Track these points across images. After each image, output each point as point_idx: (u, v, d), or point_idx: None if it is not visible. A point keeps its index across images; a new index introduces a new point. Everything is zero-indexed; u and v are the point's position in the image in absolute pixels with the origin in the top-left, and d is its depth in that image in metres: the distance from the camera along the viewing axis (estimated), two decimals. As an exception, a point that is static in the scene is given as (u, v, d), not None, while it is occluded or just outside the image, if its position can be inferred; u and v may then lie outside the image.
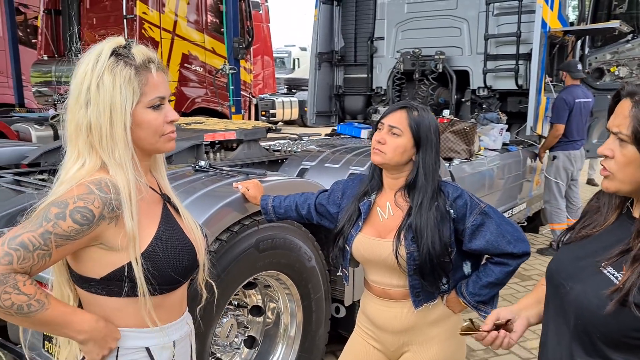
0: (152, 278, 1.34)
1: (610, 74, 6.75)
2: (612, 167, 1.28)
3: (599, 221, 1.40)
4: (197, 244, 1.49)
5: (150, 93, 1.37)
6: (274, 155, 3.79)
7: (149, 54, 1.39)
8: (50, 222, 1.23)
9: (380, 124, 1.92)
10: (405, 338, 1.94)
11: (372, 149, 1.91)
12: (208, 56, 8.48)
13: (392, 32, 6.42)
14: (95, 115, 1.31)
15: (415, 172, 1.87)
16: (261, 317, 2.92)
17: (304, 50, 23.54)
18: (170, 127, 1.42)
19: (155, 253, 1.36)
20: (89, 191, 1.27)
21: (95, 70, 1.32)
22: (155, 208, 1.44)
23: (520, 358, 3.70)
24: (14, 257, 1.20)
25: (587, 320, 1.28)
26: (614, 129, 1.28)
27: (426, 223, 1.81)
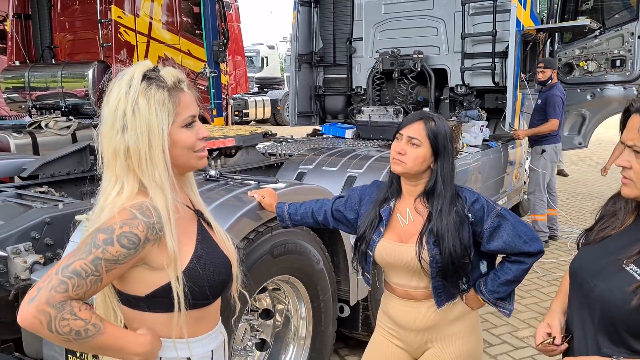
0: (192, 294, 1.39)
1: (579, 69, 7.00)
2: (631, 177, 1.41)
3: (616, 224, 1.53)
4: (232, 257, 1.55)
5: (183, 113, 1.42)
6: (271, 160, 3.85)
7: (178, 75, 1.44)
8: (100, 249, 1.28)
9: (399, 135, 2.01)
10: (427, 336, 2.05)
11: (392, 159, 2.00)
12: (184, 58, 8.45)
13: (370, 33, 6.53)
14: (133, 140, 1.35)
15: (434, 179, 1.97)
16: (271, 320, 2.99)
17: (272, 49, 23.52)
18: (202, 144, 1.48)
19: (195, 270, 1.41)
20: (133, 216, 1.31)
21: (130, 96, 1.36)
22: (191, 225, 1.49)
23: (514, 347, 3.86)
24: (69, 285, 1.25)
25: (613, 314, 1.40)
26: (628, 142, 1.41)
27: (447, 227, 1.91)
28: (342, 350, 3.77)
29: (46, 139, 5.69)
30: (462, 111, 5.87)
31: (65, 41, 8.06)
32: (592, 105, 6.84)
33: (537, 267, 5.43)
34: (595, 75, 6.70)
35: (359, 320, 3.36)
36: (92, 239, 1.29)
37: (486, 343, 3.89)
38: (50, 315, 1.21)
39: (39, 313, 1.21)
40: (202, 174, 2.79)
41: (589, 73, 6.89)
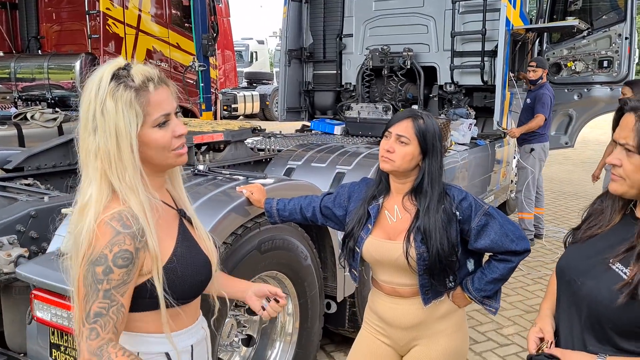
0: (170, 293, 1.38)
1: (567, 69, 7.05)
2: (621, 174, 1.43)
3: (603, 222, 1.54)
4: (212, 256, 1.54)
5: (154, 112, 1.37)
6: (259, 155, 3.84)
7: (149, 73, 1.39)
8: (104, 282, 1.29)
9: (387, 133, 2.01)
10: (414, 333, 2.06)
11: (381, 157, 1.99)
12: (173, 51, 8.40)
13: (361, 29, 6.53)
14: (103, 142, 1.33)
15: (421, 177, 1.98)
16: (257, 315, 2.98)
17: (262, 44, 23.44)
18: (179, 142, 1.43)
19: (174, 270, 1.40)
20: (116, 232, 1.30)
21: (98, 97, 1.33)
22: (172, 223, 1.48)
23: (499, 344, 3.89)
24: (98, 329, 1.28)
25: (599, 313, 1.41)
26: (621, 140, 1.42)
27: (434, 225, 1.92)
28: (328, 346, 3.77)
29: (32, 131, 5.61)
30: (451, 109, 5.90)
31: (52, 32, 7.98)
32: (578, 105, 6.90)
33: (523, 265, 5.47)
34: (582, 76, 6.76)
35: (346, 316, 3.36)
36: (91, 277, 1.29)
37: (471, 340, 3.91)
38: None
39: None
40: (191, 169, 2.78)
41: (577, 73, 6.95)
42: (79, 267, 1.33)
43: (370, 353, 2.15)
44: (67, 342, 2.22)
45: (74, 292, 1.35)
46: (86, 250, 1.31)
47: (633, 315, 1.34)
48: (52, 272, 2.13)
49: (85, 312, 1.29)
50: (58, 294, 2.11)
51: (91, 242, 1.31)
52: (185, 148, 1.47)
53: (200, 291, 1.53)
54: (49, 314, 2.19)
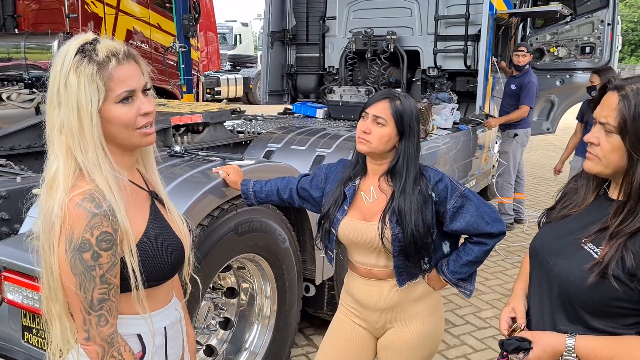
0: (141, 273, 1.36)
1: (550, 54, 7.07)
2: (598, 153, 1.41)
3: (577, 201, 1.54)
4: (184, 239, 1.52)
5: (117, 88, 1.33)
6: (239, 137, 3.80)
7: (114, 48, 1.35)
8: (96, 268, 1.29)
9: (364, 114, 1.98)
10: (389, 315, 2.05)
11: (358, 138, 1.98)
12: (153, 32, 8.25)
13: (344, 12, 6.47)
14: (66, 116, 1.30)
15: (397, 158, 1.96)
16: (235, 298, 2.97)
17: (246, 26, 23.17)
18: (144, 120, 1.39)
19: (145, 250, 1.38)
20: (92, 214, 1.28)
21: (62, 71, 1.30)
22: (143, 204, 1.45)
23: (477, 327, 3.92)
24: (106, 314, 1.31)
25: (570, 292, 1.42)
26: (601, 119, 1.40)
27: (410, 206, 1.91)
28: (308, 329, 3.78)
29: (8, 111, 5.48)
30: (434, 93, 5.88)
31: (29, 10, 7.78)
32: (560, 91, 6.93)
33: (502, 250, 5.52)
34: (564, 62, 6.78)
35: (324, 299, 3.36)
36: (81, 265, 1.28)
37: (450, 323, 3.94)
38: (104, 349, 1.32)
39: (97, 347, 1.31)
40: (167, 150, 2.73)
41: (559, 59, 6.97)
42: (52, 248, 1.31)
43: (346, 335, 2.14)
44: (40, 325, 2.18)
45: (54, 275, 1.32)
46: (61, 232, 1.28)
47: (603, 294, 1.35)
48: (23, 254, 2.08)
49: (89, 301, 1.29)
50: (29, 275, 2.07)
51: (65, 223, 1.28)
52: (153, 128, 1.43)
53: (173, 273, 1.51)
54: (20, 296, 2.15)
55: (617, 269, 1.32)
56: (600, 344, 1.36)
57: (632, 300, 1.32)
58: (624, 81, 1.39)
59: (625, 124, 1.34)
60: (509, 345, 1.49)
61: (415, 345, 2.05)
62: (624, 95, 1.35)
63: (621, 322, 1.37)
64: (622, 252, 1.32)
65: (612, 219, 1.40)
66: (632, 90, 1.35)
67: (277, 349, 3.02)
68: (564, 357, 1.40)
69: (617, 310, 1.36)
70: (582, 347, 1.37)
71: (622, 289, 1.31)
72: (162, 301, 1.51)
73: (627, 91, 1.36)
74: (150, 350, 1.45)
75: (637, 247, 1.31)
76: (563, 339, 1.40)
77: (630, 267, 1.30)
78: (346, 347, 2.14)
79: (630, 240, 1.33)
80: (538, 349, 1.43)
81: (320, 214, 2.11)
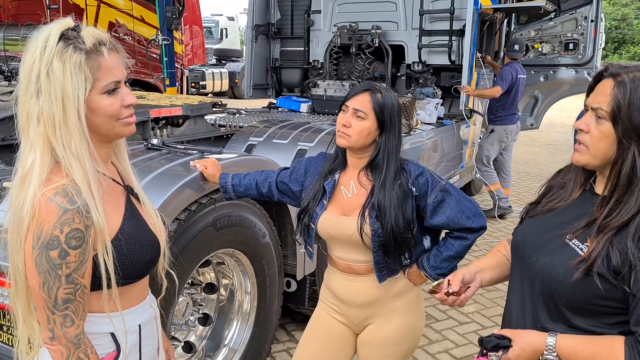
0: (115, 272, 1.32)
1: (534, 50, 7.09)
2: (586, 141, 1.37)
3: (564, 196, 1.51)
4: (160, 234, 1.48)
5: (104, 78, 1.30)
6: (220, 131, 3.74)
7: (100, 36, 1.32)
8: (62, 267, 1.24)
9: (344, 107, 1.94)
10: (369, 311, 2.02)
11: (337, 131, 1.94)
12: (137, 24, 8.15)
13: (329, 6, 6.42)
14: (47, 105, 1.25)
15: (378, 152, 1.93)
16: (215, 294, 2.93)
17: (232, 20, 23.03)
18: (127, 111, 1.37)
19: (120, 247, 1.34)
20: (63, 210, 1.23)
21: (44, 57, 1.24)
22: (118, 200, 1.41)
23: (459, 322, 3.92)
24: (72, 315, 1.26)
25: (553, 289, 1.39)
26: (594, 104, 1.36)
27: (389, 201, 1.87)
28: (289, 325, 3.75)
29: (-15, 104, 5.38)
30: (418, 88, 5.86)
31: (9, 1, 7.66)
32: (544, 87, 6.96)
33: (486, 245, 5.53)
34: (548, 58, 6.81)
35: (306, 295, 3.33)
36: (47, 263, 1.23)
37: (432, 318, 3.94)
38: (70, 350, 1.27)
39: (62, 347, 1.27)
40: (144, 143, 2.68)
41: (543, 55, 6.99)
42: (19, 243, 1.26)
43: (325, 331, 2.11)
44: (10, 322, 2.13)
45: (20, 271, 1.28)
46: (30, 227, 1.23)
47: (586, 292, 1.32)
48: (-8, 249, 2.02)
49: (52, 301, 1.24)
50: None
51: (35, 218, 1.23)
52: (134, 117, 1.40)
53: (148, 270, 1.46)
54: (-10, 292, 2.09)
55: (602, 266, 1.29)
56: (581, 343, 1.33)
57: (615, 299, 1.30)
58: (621, 69, 1.36)
59: (619, 110, 1.30)
60: (488, 342, 1.46)
61: (395, 341, 2.03)
62: (620, 81, 1.32)
63: (604, 321, 1.34)
64: (608, 249, 1.29)
65: (597, 211, 1.37)
66: (629, 78, 1.32)
67: (257, 345, 2.99)
68: (544, 357, 1.37)
69: (599, 308, 1.33)
70: (563, 346, 1.35)
71: (606, 286, 1.29)
72: (136, 298, 1.47)
73: (623, 77, 1.32)
74: (124, 349, 1.41)
75: (622, 244, 1.28)
76: (544, 338, 1.37)
77: (616, 265, 1.27)
78: (325, 343, 2.11)
79: (617, 236, 1.30)
80: (518, 347, 1.40)
81: (300, 208, 2.08)
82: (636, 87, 1.30)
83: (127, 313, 1.42)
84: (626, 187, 1.33)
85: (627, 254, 1.26)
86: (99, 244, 1.29)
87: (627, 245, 1.27)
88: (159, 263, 1.51)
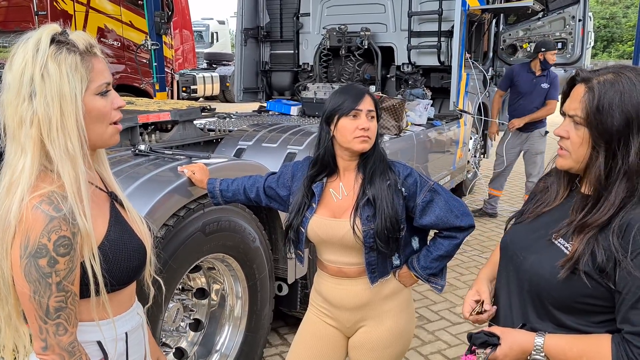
0: (103, 278, 1.31)
1: (522, 50, 7.13)
2: (568, 147, 1.40)
3: (550, 199, 1.52)
4: (146, 241, 1.47)
5: (98, 79, 1.33)
6: (209, 135, 3.73)
7: (90, 39, 1.34)
8: (51, 275, 1.22)
9: (355, 112, 1.89)
10: (361, 314, 2.02)
11: (357, 137, 1.88)
12: (126, 30, 8.13)
13: (318, 8, 6.43)
14: (43, 107, 1.24)
15: (373, 151, 1.94)
16: (206, 299, 2.92)
17: (222, 24, 23.02)
18: (117, 115, 1.39)
19: (105, 255, 1.33)
20: (50, 218, 1.22)
21: (37, 60, 1.24)
22: (103, 206, 1.40)
23: (451, 323, 3.92)
24: (64, 323, 1.25)
25: (540, 287, 1.40)
26: (570, 112, 1.38)
27: (380, 194, 1.88)
28: (282, 329, 3.74)
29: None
30: (408, 89, 5.87)
31: (-4, 9, 7.62)
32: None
33: (477, 245, 5.55)
34: (538, 57, 6.82)
35: (298, 298, 3.32)
36: (37, 271, 1.22)
37: (425, 319, 3.94)
38: (64, 358, 1.27)
39: (56, 356, 1.26)
40: (132, 149, 2.67)
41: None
42: (5, 251, 1.24)
43: (316, 336, 2.10)
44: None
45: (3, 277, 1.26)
46: (16, 235, 1.22)
47: (572, 290, 1.33)
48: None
49: (44, 310, 1.23)
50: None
51: (21, 226, 1.21)
52: (121, 126, 1.42)
53: (135, 277, 1.45)
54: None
55: (587, 264, 1.30)
56: (569, 342, 1.34)
57: (601, 297, 1.31)
58: (591, 73, 1.38)
59: (590, 116, 1.33)
60: (477, 339, 1.47)
61: (386, 344, 2.03)
62: (590, 87, 1.34)
63: (591, 320, 1.35)
64: (594, 247, 1.30)
65: (574, 213, 1.39)
66: (597, 82, 1.34)
67: (249, 349, 2.97)
68: (532, 356, 1.38)
69: (586, 306, 1.34)
70: (551, 346, 1.35)
71: (592, 284, 1.30)
72: (123, 306, 1.45)
73: (593, 83, 1.34)
74: (111, 357, 1.40)
75: (607, 242, 1.28)
76: (532, 338, 1.38)
77: (601, 262, 1.28)
78: (317, 348, 2.10)
79: (601, 234, 1.31)
80: (506, 346, 1.41)
81: (288, 212, 2.07)
82: (605, 92, 1.32)
83: (114, 320, 1.40)
84: (599, 190, 1.34)
85: (612, 251, 1.27)
86: (86, 250, 1.28)
87: (610, 242, 1.28)
88: (145, 271, 1.50)
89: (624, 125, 1.30)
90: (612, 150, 1.32)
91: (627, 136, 1.30)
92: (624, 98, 1.30)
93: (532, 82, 5.98)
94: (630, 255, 1.25)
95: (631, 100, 1.30)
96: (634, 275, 1.23)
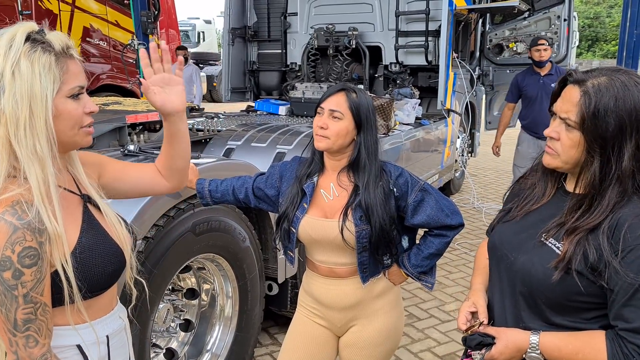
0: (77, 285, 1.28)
1: (509, 50, 7.18)
2: (557, 149, 1.39)
3: (537, 196, 1.52)
4: (123, 244, 1.43)
5: (71, 82, 1.29)
6: (198, 135, 3.72)
7: (67, 41, 1.31)
8: (17, 287, 1.19)
9: (320, 109, 1.94)
10: (352, 313, 2.03)
11: (315, 135, 1.93)
12: (112, 29, 8.07)
13: (305, 8, 6.43)
14: (11, 106, 1.21)
15: (357, 152, 1.93)
16: (196, 299, 2.91)
17: (209, 24, 22.93)
18: (88, 119, 1.35)
19: (79, 260, 1.29)
20: (13, 229, 1.18)
21: (9, 57, 1.21)
22: (74, 211, 1.36)
23: (441, 321, 3.95)
24: (35, 335, 1.22)
25: (533, 287, 1.40)
26: (562, 114, 1.37)
27: (375, 201, 1.88)
28: (272, 328, 3.74)
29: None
30: (396, 89, 5.89)
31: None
32: (520, 85, 7.01)
33: (466, 242, 5.58)
34: (523, 57, 6.88)
35: (288, 298, 3.33)
36: (2, 284, 1.18)
37: (414, 317, 3.96)
38: None
39: None
40: (121, 149, 2.65)
41: (518, 54, 7.09)
42: None
43: (307, 336, 2.10)
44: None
45: None
46: None
47: (565, 289, 1.33)
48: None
49: (11, 323, 1.20)
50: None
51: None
52: (93, 129, 1.38)
53: (113, 282, 1.42)
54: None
55: (580, 264, 1.31)
56: (564, 340, 1.35)
57: (593, 295, 1.32)
58: (584, 75, 1.36)
59: (585, 120, 1.31)
60: (471, 340, 1.47)
61: (377, 342, 2.04)
62: (585, 91, 1.33)
63: (583, 317, 1.36)
64: (585, 247, 1.31)
65: (568, 215, 1.39)
66: (592, 86, 1.32)
67: (240, 349, 2.97)
68: (527, 354, 1.39)
69: (579, 304, 1.35)
70: (546, 343, 1.36)
71: (584, 283, 1.31)
72: (102, 310, 1.43)
73: (587, 87, 1.32)
74: None
75: (598, 241, 1.29)
76: (527, 336, 1.39)
77: (593, 261, 1.29)
78: (308, 348, 2.10)
79: (592, 234, 1.31)
80: (501, 344, 1.41)
81: (278, 213, 2.07)
82: (600, 97, 1.30)
83: (94, 324, 1.38)
84: (593, 194, 1.34)
85: (602, 251, 1.28)
86: (57, 255, 1.24)
87: (601, 243, 1.29)
88: (126, 273, 1.47)
89: (618, 130, 1.29)
90: (607, 156, 1.31)
91: (621, 141, 1.30)
92: (619, 103, 1.29)
93: (539, 83, 5.61)
94: (621, 253, 1.26)
95: (625, 106, 1.29)
96: (625, 273, 1.24)
